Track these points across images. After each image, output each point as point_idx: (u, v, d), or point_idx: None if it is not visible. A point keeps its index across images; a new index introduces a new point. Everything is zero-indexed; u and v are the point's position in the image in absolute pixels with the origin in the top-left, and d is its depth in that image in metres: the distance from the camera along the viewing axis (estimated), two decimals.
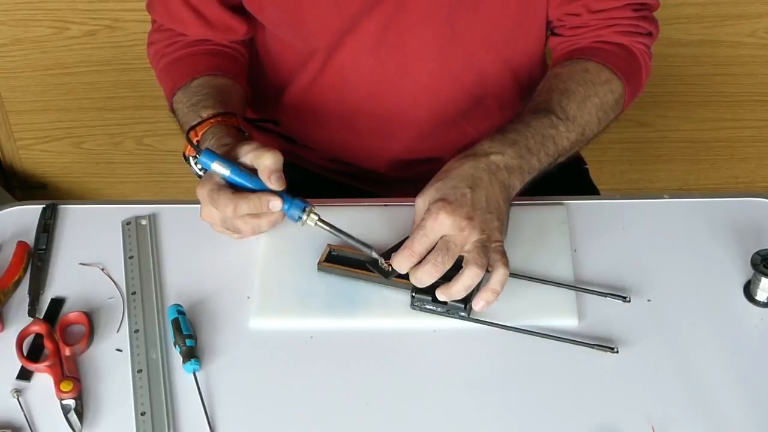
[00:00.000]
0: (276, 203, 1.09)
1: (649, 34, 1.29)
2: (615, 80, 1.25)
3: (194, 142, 1.16)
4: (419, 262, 1.05)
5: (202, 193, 1.10)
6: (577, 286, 1.11)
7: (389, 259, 1.08)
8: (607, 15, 1.27)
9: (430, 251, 1.05)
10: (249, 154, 1.10)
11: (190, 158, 1.18)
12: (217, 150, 1.11)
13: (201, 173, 1.16)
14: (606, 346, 1.05)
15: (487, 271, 1.05)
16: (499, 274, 1.05)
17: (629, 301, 1.10)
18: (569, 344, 1.06)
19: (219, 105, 1.21)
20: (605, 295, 1.10)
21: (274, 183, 1.08)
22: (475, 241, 1.05)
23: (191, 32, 1.31)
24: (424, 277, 1.05)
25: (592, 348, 1.05)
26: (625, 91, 1.26)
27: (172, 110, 1.28)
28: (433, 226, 1.05)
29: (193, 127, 1.17)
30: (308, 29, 1.27)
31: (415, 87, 1.30)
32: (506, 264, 1.06)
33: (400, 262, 1.06)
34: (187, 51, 1.31)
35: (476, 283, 1.05)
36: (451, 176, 1.09)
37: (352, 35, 1.26)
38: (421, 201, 1.09)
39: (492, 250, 1.06)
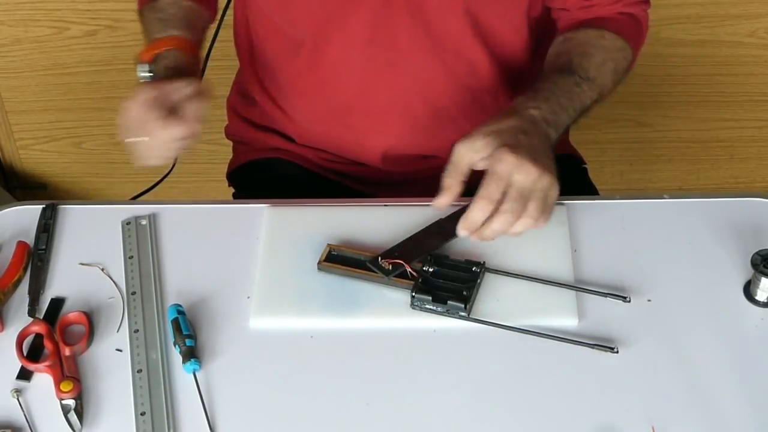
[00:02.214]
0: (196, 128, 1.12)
1: (648, 1, 1.34)
2: (628, 49, 1.29)
3: (154, 53, 1.21)
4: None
5: (139, 96, 1.13)
6: (577, 286, 1.11)
7: (389, 259, 1.08)
8: None
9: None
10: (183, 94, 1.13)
11: (143, 64, 1.22)
12: (164, 70, 1.18)
13: (144, 76, 1.21)
14: (606, 346, 1.05)
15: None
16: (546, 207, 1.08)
17: (629, 301, 1.10)
18: (569, 344, 1.06)
19: (186, 29, 1.25)
20: (605, 295, 1.10)
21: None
22: (534, 180, 1.06)
23: None
24: (500, 228, 1.06)
25: (592, 348, 1.05)
26: (634, 56, 1.31)
27: (140, 11, 1.33)
28: (505, 170, 1.06)
29: (158, 39, 1.23)
30: (294, 15, 1.28)
31: (407, 79, 1.30)
32: (545, 220, 1.08)
33: (476, 214, 1.06)
34: None
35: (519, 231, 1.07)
36: (500, 127, 1.10)
37: (340, 31, 1.26)
38: (465, 148, 1.09)
39: (549, 196, 1.09)
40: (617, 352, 1.04)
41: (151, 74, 1.19)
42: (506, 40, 1.31)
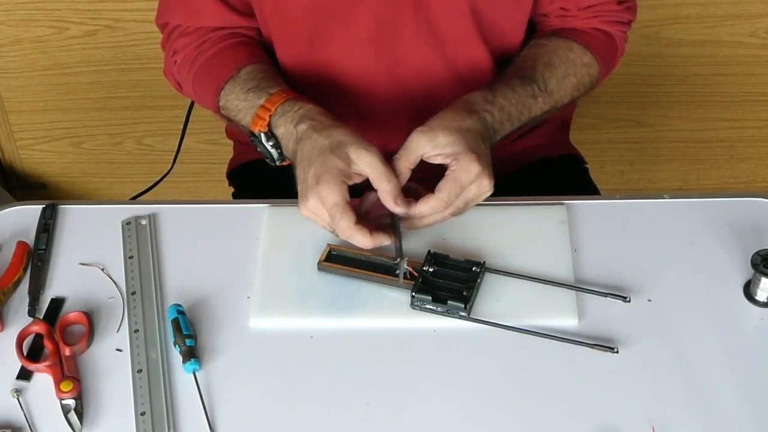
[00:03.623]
0: (385, 240, 1.11)
1: (629, 22, 1.35)
2: (594, 65, 1.31)
3: (267, 117, 1.17)
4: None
5: (328, 200, 1.08)
6: (577, 286, 1.11)
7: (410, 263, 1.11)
8: (595, 10, 1.31)
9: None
10: (365, 166, 1.11)
11: (262, 135, 1.17)
12: (314, 119, 1.14)
13: (273, 151, 1.17)
14: (606, 346, 1.05)
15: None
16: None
17: (629, 301, 1.10)
18: (569, 344, 1.06)
19: (281, 85, 1.22)
20: (605, 295, 1.10)
21: (400, 206, 1.11)
22: (483, 192, 1.12)
23: (212, 20, 1.29)
24: (433, 222, 1.13)
25: (592, 348, 1.05)
26: (600, 74, 1.33)
27: (218, 108, 1.27)
28: (467, 180, 1.10)
29: (262, 106, 1.18)
30: (295, 10, 1.27)
31: (410, 75, 1.30)
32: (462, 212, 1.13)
33: (425, 210, 1.11)
34: (221, 45, 1.29)
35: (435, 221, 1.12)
36: (462, 125, 1.14)
37: (342, 27, 1.26)
38: (425, 138, 1.13)
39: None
40: (617, 352, 1.04)
41: (276, 146, 1.17)
42: (507, 39, 1.32)
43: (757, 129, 2.15)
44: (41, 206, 1.23)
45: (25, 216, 1.22)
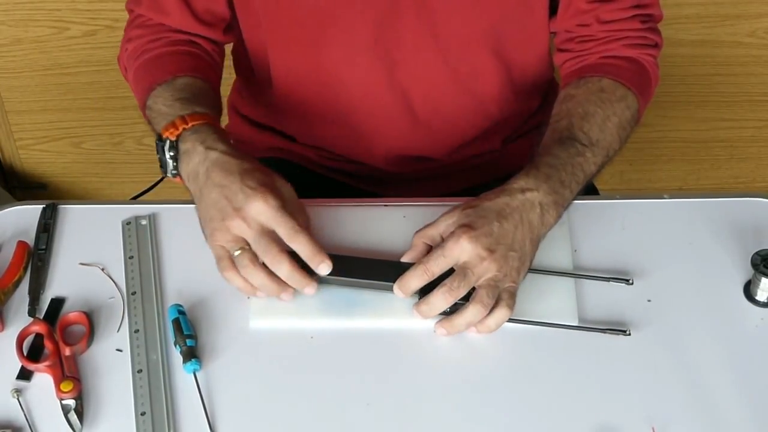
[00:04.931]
0: (311, 290, 1.08)
1: (656, 45, 1.29)
2: (630, 95, 1.24)
3: (181, 129, 1.14)
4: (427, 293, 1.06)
5: (267, 206, 1.06)
6: (579, 274, 1.12)
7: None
8: (616, 26, 1.26)
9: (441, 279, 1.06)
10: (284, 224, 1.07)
11: (168, 141, 1.14)
12: (225, 153, 1.10)
13: (170, 162, 1.14)
14: (618, 329, 1.06)
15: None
16: (499, 314, 1.05)
17: (632, 284, 1.10)
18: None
19: (209, 109, 1.20)
20: (608, 280, 1.11)
21: (323, 269, 1.07)
22: (490, 277, 1.05)
23: (174, 20, 1.29)
24: (437, 303, 1.05)
25: (603, 332, 1.06)
26: (639, 103, 1.25)
27: (144, 106, 1.25)
28: (453, 249, 1.05)
29: (182, 117, 1.15)
30: (294, 13, 1.26)
31: (410, 77, 1.30)
32: (511, 307, 1.06)
33: (411, 280, 1.06)
34: (170, 49, 1.29)
35: (478, 320, 1.05)
36: (483, 206, 1.09)
37: (343, 30, 1.26)
38: (444, 222, 1.09)
39: (503, 290, 1.06)
40: (629, 334, 1.05)
41: (174, 157, 1.13)
42: (514, 46, 1.30)
43: (757, 129, 2.16)
44: (41, 206, 1.23)
45: (25, 216, 1.22)
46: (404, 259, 1.10)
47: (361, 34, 1.26)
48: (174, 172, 1.16)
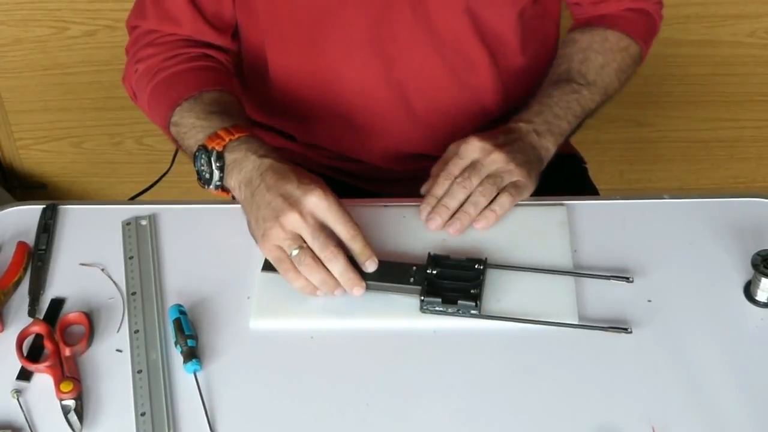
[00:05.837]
0: (359, 291, 1.09)
1: (659, 1, 1.37)
2: (633, 45, 1.32)
3: (227, 139, 1.13)
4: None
5: (317, 205, 1.06)
6: (579, 272, 1.12)
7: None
8: None
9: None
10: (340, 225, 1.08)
11: (214, 152, 1.14)
12: (277, 160, 1.11)
13: (216, 172, 1.13)
14: (620, 327, 1.06)
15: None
16: (501, 200, 1.16)
17: (632, 281, 1.11)
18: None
19: (244, 121, 1.20)
20: (609, 277, 1.11)
21: (370, 266, 1.09)
22: (496, 168, 1.15)
23: (185, 28, 1.28)
24: (457, 193, 1.15)
25: (605, 331, 1.06)
26: (642, 50, 1.34)
27: (168, 123, 1.23)
28: (466, 150, 1.16)
29: (226, 128, 1.15)
30: (291, 12, 1.27)
31: (408, 76, 1.30)
32: (513, 195, 1.16)
33: (436, 188, 1.16)
34: (189, 65, 1.28)
35: (479, 209, 1.15)
36: (486, 133, 1.19)
37: (340, 28, 1.26)
38: (453, 146, 1.20)
39: (510, 184, 1.16)
40: (631, 332, 1.05)
41: (221, 167, 1.13)
42: (503, 39, 1.32)
43: (757, 129, 2.16)
44: (41, 206, 1.23)
45: (25, 216, 1.22)
46: (423, 190, 1.19)
47: (358, 31, 1.26)
48: (218, 183, 1.15)
